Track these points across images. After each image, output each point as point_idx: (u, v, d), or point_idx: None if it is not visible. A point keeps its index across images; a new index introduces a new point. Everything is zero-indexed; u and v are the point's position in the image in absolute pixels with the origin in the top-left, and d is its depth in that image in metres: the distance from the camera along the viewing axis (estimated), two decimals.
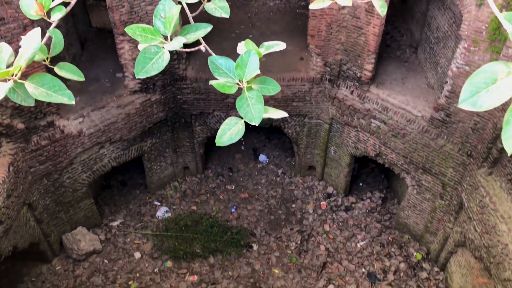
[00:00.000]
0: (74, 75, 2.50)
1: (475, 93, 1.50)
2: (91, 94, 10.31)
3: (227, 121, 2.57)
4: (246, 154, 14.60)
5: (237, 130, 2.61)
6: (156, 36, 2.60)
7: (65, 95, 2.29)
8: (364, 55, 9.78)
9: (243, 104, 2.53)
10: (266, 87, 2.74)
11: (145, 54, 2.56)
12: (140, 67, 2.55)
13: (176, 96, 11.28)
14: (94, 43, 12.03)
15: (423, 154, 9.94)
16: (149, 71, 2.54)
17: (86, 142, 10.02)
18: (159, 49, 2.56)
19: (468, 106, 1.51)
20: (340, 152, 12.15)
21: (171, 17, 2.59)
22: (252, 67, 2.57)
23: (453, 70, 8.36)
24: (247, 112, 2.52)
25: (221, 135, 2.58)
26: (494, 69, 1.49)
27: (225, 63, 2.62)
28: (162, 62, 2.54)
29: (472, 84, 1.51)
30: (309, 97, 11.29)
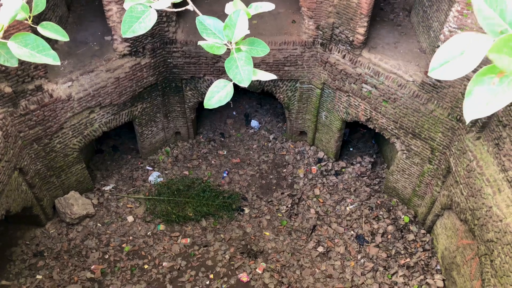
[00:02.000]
0: (58, 35, 2.44)
1: (444, 63, 1.53)
2: (80, 58, 10.12)
3: (215, 84, 2.55)
4: (237, 120, 14.57)
5: (226, 92, 2.60)
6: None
7: (49, 55, 2.25)
8: (357, 18, 9.65)
9: (232, 65, 2.52)
10: (255, 48, 2.71)
11: (132, 13, 2.51)
12: (127, 26, 2.50)
13: (166, 60, 11.12)
14: (81, 4, 11.69)
15: (413, 119, 10.00)
16: (136, 31, 2.50)
17: (76, 106, 9.92)
18: (146, 8, 2.51)
19: (437, 75, 1.55)
20: (331, 117, 12.17)
21: None
22: (240, 27, 2.54)
23: (446, 34, 8.30)
24: (236, 73, 2.51)
25: (210, 97, 2.57)
26: (463, 40, 1.52)
27: (214, 23, 2.58)
28: (149, 22, 2.50)
29: (441, 54, 1.55)
30: (301, 61, 11.19)
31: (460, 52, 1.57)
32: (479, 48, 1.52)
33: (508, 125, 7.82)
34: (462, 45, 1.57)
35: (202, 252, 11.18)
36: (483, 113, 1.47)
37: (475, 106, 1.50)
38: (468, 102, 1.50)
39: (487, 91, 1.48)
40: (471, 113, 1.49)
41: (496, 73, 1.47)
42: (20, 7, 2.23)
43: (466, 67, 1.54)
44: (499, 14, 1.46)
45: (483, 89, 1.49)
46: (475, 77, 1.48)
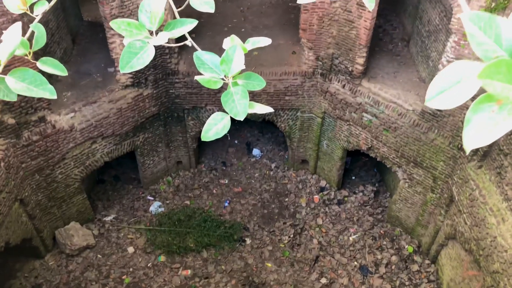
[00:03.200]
0: (56, 70, 2.48)
1: (440, 92, 1.53)
2: (83, 89, 10.25)
3: (213, 116, 2.58)
4: (239, 148, 14.60)
5: (223, 125, 2.62)
6: (141, 31, 2.59)
7: (46, 89, 2.28)
8: (356, 49, 9.79)
9: (228, 99, 2.54)
10: (252, 82, 2.74)
11: (130, 49, 2.55)
12: (125, 62, 2.54)
13: (169, 90, 11.25)
14: (86, 37, 11.94)
15: (414, 148, 9.99)
16: (134, 66, 2.53)
17: (78, 137, 9.98)
18: (144, 43, 2.55)
19: (434, 104, 1.54)
20: (333, 146, 12.18)
21: (156, 12, 2.58)
22: (237, 62, 2.57)
23: (444, 64, 8.39)
24: (232, 107, 2.53)
25: (207, 130, 2.58)
26: (459, 68, 1.52)
27: (211, 58, 2.62)
28: (147, 57, 2.53)
29: (438, 83, 1.54)
30: (302, 91, 11.29)
31: (456, 80, 1.57)
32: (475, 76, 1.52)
33: (509, 154, 7.79)
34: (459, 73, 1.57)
35: (203, 284, 10.99)
36: (483, 142, 1.44)
37: (475, 135, 1.47)
38: (468, 131, 1.48)
39: (487, 119, 1.45)
40: (471, 142, 1.46)
41: (495, 101, 1.46)
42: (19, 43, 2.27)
43: (463, 95, 1.52)
44: (494, 40, 1.45)
45: (483, 117, 1.46)
46: (474, 105, 1.46)
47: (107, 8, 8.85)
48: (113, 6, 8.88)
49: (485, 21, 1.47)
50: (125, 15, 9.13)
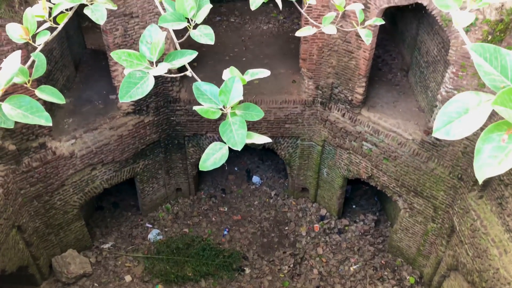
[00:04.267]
0: (54, 98, 2.50)
1: (448, 122, 1.52)
2: (84, 116, 10.32)
3: (211, 146, 2.58)
4: (239, 176, 14.56)
5: (221, 155, 2.62)
6: (142, 61, 2.62)
7: (42, 117, 2.29)
8: (355, 79, 9.90)
9: (226, 129, 2.55)
10: (250, 113, 2.75)
11: (130, 79, 2.58)
12: (125, 91, 2.56)
13: (170, 117, 11.32)
14: (89, 65, 12.10)
15: (415, 177, 9.96)
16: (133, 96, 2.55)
17: (78, 163, 9.98)
18: (144, 74, 2.58)
19: (441, 135, 1.53)
20: (333, 174, 12.15)
21: (157, 43, 2.62)
22: (235, 93, 2.59)
23: (443, 94, 8.46)
24: (230, 137, 2.54)
25: (205, 159, 2.58)
26: (466, 99, 1.52)
27: (210, 89, 2.64)
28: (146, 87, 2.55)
29: (445, 113, 1.53)
30: (301, 119, 11.36)
31: (463, 110, 1.56)
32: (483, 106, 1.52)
33: (510, 185, 7.75)
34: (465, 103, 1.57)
35: None
36: (495, 172, 1.40)
37: (486, 164, 1.45)
38: (479, 161, 1.46)
39: (497, 149, 1.43)
40: (483, 172, 1.44)
41: (504, 130, 1.45)
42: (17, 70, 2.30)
43: (471, 125, 1.51)
44: (500, 70, 1.47)
45: (493, 147, 1.45)
46: (483, 134, 1.45)
47: (111, 37, 9.00)
48: (117, 35, 9.03)
49: (490, 52, 1.49)
50: (128, 44, 9.28)
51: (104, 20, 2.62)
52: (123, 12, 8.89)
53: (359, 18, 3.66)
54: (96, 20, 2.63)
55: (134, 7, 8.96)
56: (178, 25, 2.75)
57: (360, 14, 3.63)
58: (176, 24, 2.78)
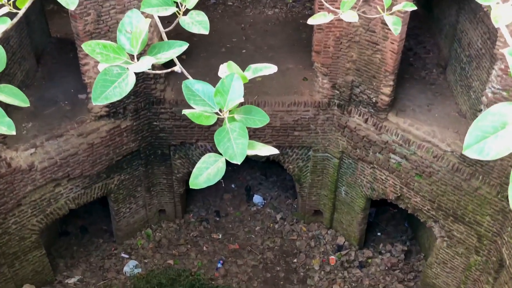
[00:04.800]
0: (16, 100, 2.52)
1: (482, 138, 1.54)
2: (47, 120, 10.37)
3: (204, 159, 2.60)
4: (237, 194, 14.57)
5: (216, 169, 2.64)
6: (120, 55, 2.64)
7: (3, 123, 2.32)
8: (381, 76, 9.94)
9: (223, 138, 2.56)
10: (252, 118, 2.78)
11: (106, 76, 2.60)
12: (99, 92, 2.58)
13: (152, 122, 11.36)
14: (53, 57, 12.19)
15: (454, 198, 9.96)
16: (109, 97, 2.57)
17: (39, 178, 10.01)
18: (123, 70, 2.60)
19: (473, 153, 1.55)
20: (353, 194, 12.15)
21: (139, 33, 2.65)
22: (234, 94, 2.62)
23: (488, 96, 8.50)
24: (228, 147, 2.55)
25: (197, 175, 2.60)
26: (504, 111, 1.54)
27: (203, 89, 2.67)
28: (126, 86, 2.58)
29: (478, 127, 1.55)
30: (314, 125, 11.39)
31: (501, 124, 1.58)
32: None
33: None
34: (504, 116, 1.58)
35: None
36: None
37: None
38: None
39: None
40: None
41: None
42: None
43: (510, 143, 1.55)
44: None
45: None
46: None
47: (81, 23, 9.08)
48: (88, 21, 9.11)
49: None
50: (102, 31, 9.35)
51: (75, 5, 2.66)
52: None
53: (385, 3, 3.70)
54: (66, 4, 2.66)
55: None
56: (164, 11, 2.78)
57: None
58: (163, 9, 2.81)
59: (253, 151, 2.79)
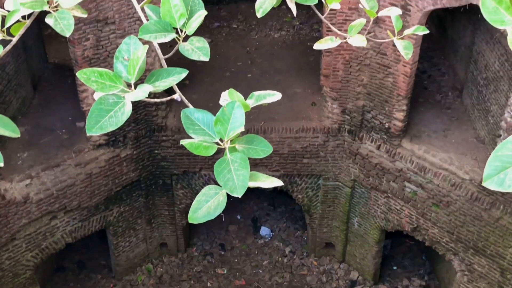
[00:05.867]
0: (6, 130, 2.55)
1: (502, 169, 1.53)
2: (43, 149, 10.43)
3: (204, 191, 2.59)
4: (243, 226, 14.50)
5: (216, 202, 2.64)
6: (117, 83, 2.67)
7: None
8: (393, 101, 9.96)
9: (224, 169, 2.56)
10: (254, 148, 2.78)
11: (101, 105, 2.62)
12: (94, 122, 2.60)
13: (153, 150, 11.40)
14: (51, 83, 12.33)
15: (474, 229, 9.86)
16: (105, 127, 2.59)
17: (34, 211, 10.02)
18: (119, 99, 2.62)
19: (493, 185, 1.54)
20: (366, 225, 12.06)
21: (136, 60, 2.68)
22: (235, 122, 2.63)
23: (507, 121, 8.48)
24: (228, 179, 2.55)
25: (196, 209, 2.59)
26: None
27: (203, 117, 2.68)
28: (122, 116, 2.59)
29: (497, 158, 1.54)
30: (324, 152, 11.38)
31: None
32: None
33: None
34: None
35: None
36: None
37: None
38: None
39: None
40: None
41: None
42: None
43: None
44: None
45: None
46: None
47: (79, 49, 9.21)
48: (87, 46, 9.24)
49: None
50: (101, 57, 9.47)
51: (70, 32, 2.70)
52: (96, 17, 9.12)
53: (396, 27, 3.73)
54: (61, 31, 2.71)
55: (110, 11, 9.20)
56: (163, 37, 2.81)
57: (397, 22, 3.70)
58: (161, 35, 2.84)
59: (255, 183, 2.79)
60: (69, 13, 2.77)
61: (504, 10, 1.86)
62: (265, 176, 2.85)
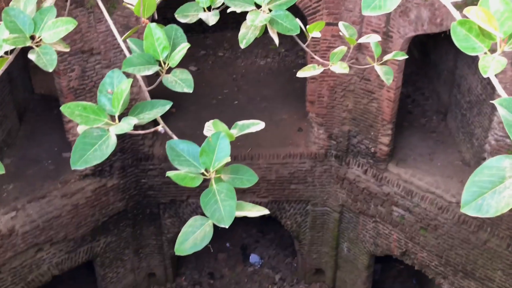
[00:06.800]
0: None
1: (479, 194, 1.54)
2: (29, 180, 10.35)
3: (190, 222, 2.59)
4: (232, 254, 14.39)
5: (203, 234, 2.63)
6: (101, 116, 2.68)
7: None
8: (378, 125, 10.05)
9: (210, 200, 2.57)
10: (240, 177, 2.79)
11: (85, 139, 2.63)
12: (78, 155, 2.60)
13: (140, 180, 11.35)
14: (37, 114, 12.28)
15: (462, 253, 9.87)
16: (89, 160, 2.59)
17: (19, 243, 9.90)
18: (103, 132, 2.63)
19: (472, 211, 1.55)
20: (356, 250, 12.04)
21: (120, 93, 2.69)
22: (221, 153, 2.64)
23: (491, 144, 8.58)
24: (215, 210, 2.56)
25: (183, 240, 2.59)
26: (502, 164, 1.55)
27: (188, 149, 2.69)
28: (106, 149, 2.60)
29: (474, 183, 1.56)
30: (312, 178, 11.41)
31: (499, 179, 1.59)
32: None
33: None
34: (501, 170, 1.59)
35: None
36: None
37: None
38: None
39: None
40: None
41: None
42: None
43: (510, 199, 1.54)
44: None
45: None
46: None
47: (64, 79, 9.22)
48: (72, 77, 9.26)
49: None
50: (87, 87, 9.49)
51: (53, 67, 2.71)
52: (81, 48, 9.16)
53: (375, 53, 3.79)
54: (44, 66, 2.72)
55: (95, 41, 9.25)
56: (147, 70, 2.84)
57: (377, 48, 3.75)
58: (145, 68, 2.86)
59: (242, 213, 2.79)
60: (51, 48, 2.79)
61: (474, 37, 1.92)
62: (251, 205, 2.86)
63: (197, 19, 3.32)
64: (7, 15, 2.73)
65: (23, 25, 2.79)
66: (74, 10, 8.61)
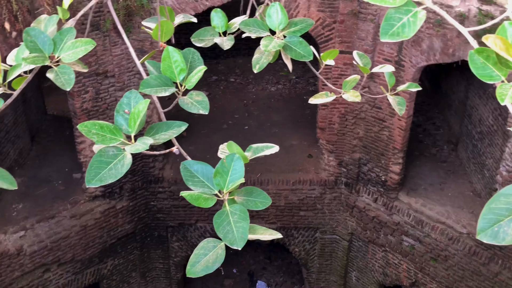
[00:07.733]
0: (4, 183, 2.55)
1: (496, 222, 1.54)
2: (39, 200, 10.39)
3: (202, 244, 2.58)
4: (239, 280, 14.29)
5: (215, 256, 2.62)
6: (117, 135, 2.70)
7: None
8: (389, 154, 10.04)
9: (223, 221, 2.56)
10: (253, 200, 2.79)
11: (101, 158, 2.64)
12: (93, 174, 2.61)
13: (149, 202, 11.36)
14: (48, 135, 12.40)
15: (473, 284, 9.74)
16: (104, 179, 2.60)
17: (27, 263, 9.88)
18: (119, 151, 2.64)
19: (488, 238, 1.54)
20: (364, 280, 11.92)
21: (137, 113, 2.71)
22: (235, 174, 2.65)
23: (503, 174, 8.52)
24: (228, 232, 2.55)
25: (194, 262, 2.57)
26: None
27: (202, 170, 2.70)
28: (121, 168, 2.61)
29: (491, 210, 1.55)
30: (321, 205, 11.37)
31: None
32: None
33: None
34: None
35: None
36: None
37: None
38: None
39: None
40: None
41: None
42: None
43: None
44: None
45: None
46: None
47: (78, 101, 9.31)
48: (86, 99, 9.36)
49: None
50: (100, 109, 9.58)
51: (71, 86, 2.75)
52: (96, 70, 9.28)
53: (389, 83, 3.80)
54: (62, 85, 2.76)
55: (110, 64, 9.37)
56: (163, 92, 2.87)
57: (390, 78, 3.77)
58: (162, 89, 2.89)
59: (254, 236, 2.78)
60: (70, 68, 2.83)
61: (491, 65, 1.92)
62: (263, 229, 2.85)
63: (212, 44, 3.36)
64: (28, 35, 2.79)
65: (43, 45, 2.85)
66: (90, 33, 8.75)
